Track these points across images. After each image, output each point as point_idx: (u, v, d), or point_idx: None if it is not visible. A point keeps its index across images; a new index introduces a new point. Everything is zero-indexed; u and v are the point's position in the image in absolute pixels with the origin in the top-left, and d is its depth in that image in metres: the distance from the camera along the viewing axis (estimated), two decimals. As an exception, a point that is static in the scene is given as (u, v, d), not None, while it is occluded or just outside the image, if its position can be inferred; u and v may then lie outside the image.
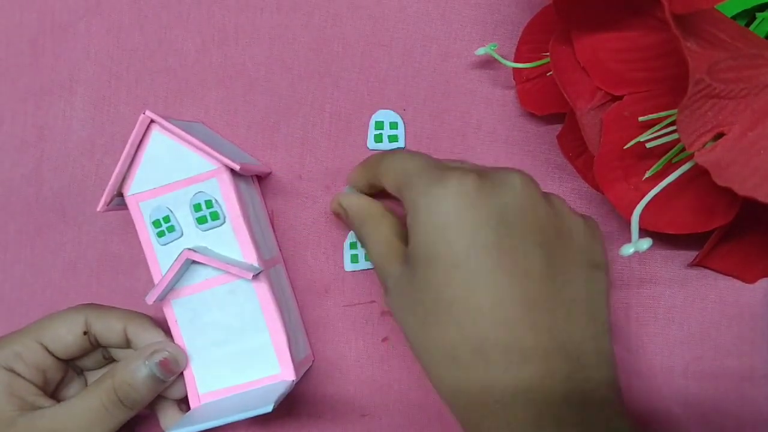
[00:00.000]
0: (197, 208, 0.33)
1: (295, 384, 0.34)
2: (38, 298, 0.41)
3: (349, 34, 0.38)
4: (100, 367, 0.36)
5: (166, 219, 0.33)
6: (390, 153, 0.31)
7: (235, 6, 0.38)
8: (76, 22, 0.40)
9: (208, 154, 0.32)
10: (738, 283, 0.35)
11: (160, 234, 0.33)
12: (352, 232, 0.37)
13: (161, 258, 0.34)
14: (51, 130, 0.40)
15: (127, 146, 0.32)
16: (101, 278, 0.40)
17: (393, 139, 0.37)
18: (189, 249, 0.32)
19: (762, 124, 0.24)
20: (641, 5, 0.27)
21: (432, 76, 0.37)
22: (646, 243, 0.25)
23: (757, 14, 0.29)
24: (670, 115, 0.28)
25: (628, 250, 0.25)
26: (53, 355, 0.33)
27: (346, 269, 0.37)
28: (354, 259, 0.37)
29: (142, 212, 0.33)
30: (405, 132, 0.37)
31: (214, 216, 0.33)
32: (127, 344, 0.34)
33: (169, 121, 0.32)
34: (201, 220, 0.33)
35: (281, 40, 0.38)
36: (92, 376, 0.36)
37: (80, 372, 0.36)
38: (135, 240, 0.39)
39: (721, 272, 0.35)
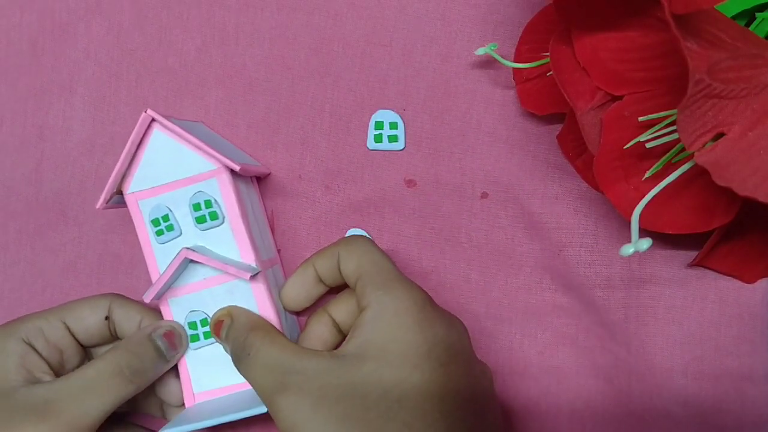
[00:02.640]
0: (196, 207, 0.33)
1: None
2: (38, 298, 0.41)
3: (349, 34, 0.38)
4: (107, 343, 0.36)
5: (165, 218, 0.33)
6: (357, 238, 0.32)
7: (235, 6, 0.38)
8: (76, 22, 0.40)
9: (209, 154, 0.32)
10: (738, 283, 0.35)
11: (159, 233, 0.33)
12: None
13: (159, 257, 0.34)
14: (51, 130, 0.40)
15: (128, 144, 0.32)
16: (101, 278, 0.40)
17: (393, 139, 0.37)
18: (187, 248, 0.32)
19: (762, 124, 0.24)
20: (641, 5, 0.27)
21: (432, 76, 0.37)
22: (646, 243, 0.25)
23: (757, 14, 0.29)
24: (670, 115, 0.28)
25: (628, 250, 0.25)
26: (74, 336, 0.33)
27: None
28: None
29: (141, 211, 0.33)
30: (405, 132, 0.37)
31: (213, 216, 0.33)
32: None
33: (170, 121, 0.32)
34: (200, 220, 0.33)
35: (281, 40, 0.38)
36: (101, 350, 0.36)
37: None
38: (135, 240, 0.39)
39: (721, 272, 0.35)
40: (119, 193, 0.34)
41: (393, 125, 0.37)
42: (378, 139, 0.37)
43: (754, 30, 0.29)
